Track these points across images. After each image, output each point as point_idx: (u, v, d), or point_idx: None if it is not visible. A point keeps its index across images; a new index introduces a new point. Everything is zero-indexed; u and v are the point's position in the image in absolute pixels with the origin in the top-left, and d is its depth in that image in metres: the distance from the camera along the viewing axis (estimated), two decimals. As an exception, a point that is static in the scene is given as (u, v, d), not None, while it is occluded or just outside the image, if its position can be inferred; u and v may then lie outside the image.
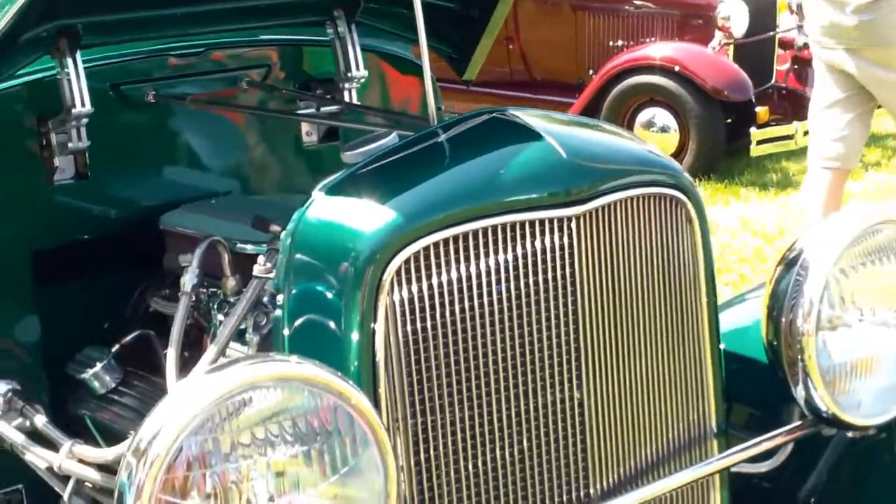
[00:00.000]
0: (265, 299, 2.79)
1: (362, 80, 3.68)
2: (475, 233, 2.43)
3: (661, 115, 8.91)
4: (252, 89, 3.70)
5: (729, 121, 8.86)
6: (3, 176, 3.33)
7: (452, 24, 3.72)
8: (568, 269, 2.50)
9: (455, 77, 3.90)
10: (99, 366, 3.26)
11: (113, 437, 3.04)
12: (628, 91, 9.01)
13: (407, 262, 2.40)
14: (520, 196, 2.46)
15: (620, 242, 2.57)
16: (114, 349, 3.32)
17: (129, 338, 3.34)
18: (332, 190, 2.55)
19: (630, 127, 9.04)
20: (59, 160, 3.35)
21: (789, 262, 2.82)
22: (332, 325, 2.43)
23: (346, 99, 3.69)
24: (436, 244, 2.41)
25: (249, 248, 3.04)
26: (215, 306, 3.01)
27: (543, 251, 2.48)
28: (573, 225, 2.49)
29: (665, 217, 2.65)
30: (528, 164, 2.50)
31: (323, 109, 3.67)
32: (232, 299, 2.97)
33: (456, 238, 2.42)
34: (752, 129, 8.70)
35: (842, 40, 5.85)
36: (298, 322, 2.50)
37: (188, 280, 2.95)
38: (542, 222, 2.47)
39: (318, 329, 2.46)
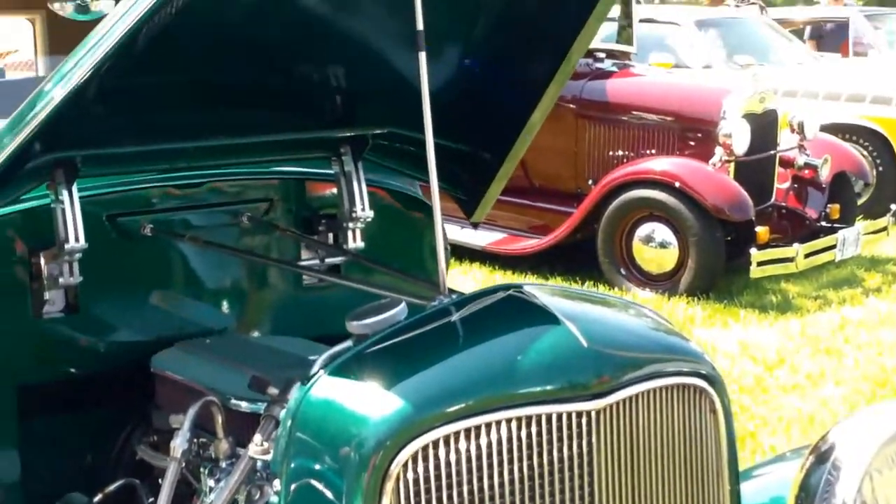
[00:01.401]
0: (259, 464, 2.66)
1: (367, 220, 3.56)
2: (488, 425, 2.30)
3: (661, 231, 8.81)
4: (249, 225, 3.57)
5: (729, 238, 8.77)
6: None
7: (463, 167, 3.61)
8: (586, 466, 2.37)
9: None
10: None
11: None
12: (628, 205, 8.92)
13: (415, 453, 2.26)
14: (536, 387, 2.34)
15: (641, 435, 2.44)
16: (96, 498, 3.17)
17: (113, 486, 3.19)
18: (338, 370, 2.41)
19: (629, 241, 8.94)
20: (49, 292, 3.23)
21: (821, 456, 2.70)
22: (332, 513, 2.29)
23: (350, 238, 3.57)
24: (446, 437, 2.28)
25: (245, 405, 2.90)
26: (206, 471, 2.86)
27: (560, 448, 2.34)
28: (592, 419, 2.35)
29: (688, 408, 2.52)
30: (546, 351, 2.37)
31: (327, 260, 3.54)
32: (224, 464, 2.82)
33: (468, 431, 2.29)
34: (753, 250, 8.59)
35: None
36: (296, 509, 2.35)
37: (179, 444, 2.80)
38: (559, 416, 2.34)
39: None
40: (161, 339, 3.37)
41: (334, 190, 3.61)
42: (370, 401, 2.33)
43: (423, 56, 2.64)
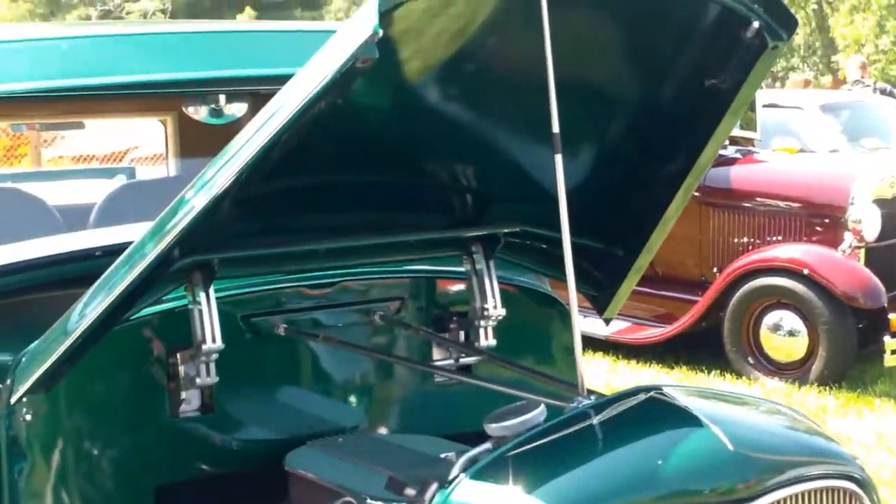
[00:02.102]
0: None
1: (499, 318, 3.55)
2: None
3: (789, 319, 8.65)
4: (382, 323, 3.59)
5: (860, 326, 8.58)
6: (128, 404, 3.26)
7: (596, 263, 3.59)
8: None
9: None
10: None
11: None
12: (754, 293, 8.79)
13: None
14: (681, 491, 2.29)
15: (788, 540, 2.37)
16: None
17: None
18: (478, 474, 2.39)
19: (756, 329, 8.79)
20: (186, 392, 3.26)
21: None
22: None
23: (482, 336, 3.56)
24: None
25: None
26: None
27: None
28: None
29: (837, 512, 2.45)
30: (691, 455, 2.33)
31: (462, 361, 3.53)
32: None
33: None
34: (886, 338, 8.39)
35: None
36: None
37: None
38: None
39: None
40: (294, 437, 3.38)
41: (465, 287, 3.61)
42: (512, 506, 2.30)
43: (559, 158, 2.64)
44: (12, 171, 10.48)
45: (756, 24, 2.94)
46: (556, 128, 2.63)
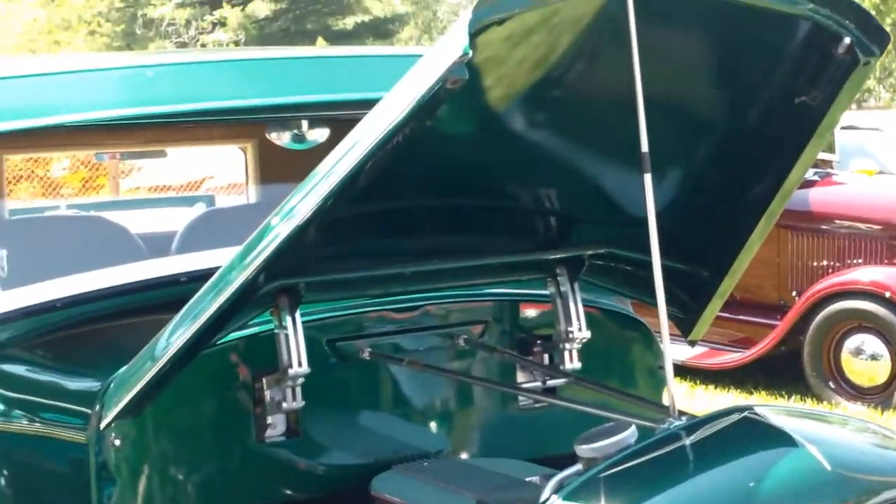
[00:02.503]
0: None
1: (583, 341, 3.52)
2: None
3: (871, 343, 8.53)
4: (466, 346, 3.57)
5: (946, 351, 8.44)
6: (215, 433, 3.28)
7: (681, 284, 3.55)
8: None
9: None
10: None
11: None
12: (835, 316, 8.68)
13: None
14: None
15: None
16: None
17: None
18: (570, 496, 2.37)
19: (837, 353, 8.67)
20: (271, 417, 3.27)
21: None
22: None
23: (567, 359, 3.53)
24: None
25: None
26: None
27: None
28: None
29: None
30: (787, 475, 2.30)
31: (548, 383, 3.51)
32: None
33: None
34: (972, 362, 8.25)
35: None
36: None
37: None
38: None
39: None
40: (378, 462, 3.38)
41: (548, 311, 3.59)
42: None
43: (648, 178, 2.62)
44: (94, 200, 10.62)
45: (847, 40, 2.90)
46: (644, 147, 2.61)
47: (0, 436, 3.58)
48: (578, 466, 2.49)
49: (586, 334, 3.50)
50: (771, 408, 2.52)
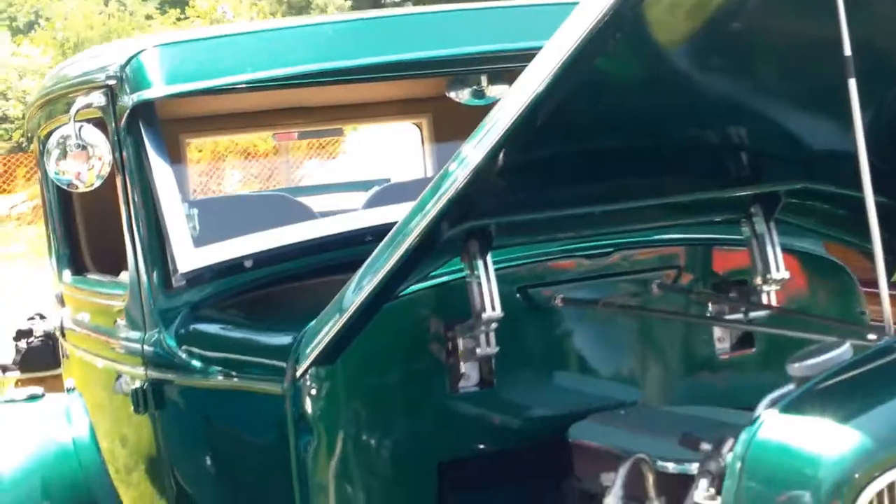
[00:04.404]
0: None
1: (783, 282, 3.40)
2: None
3: None
4: (660, 292, 3.48)
5: None
6: (408, 383, 3.27)
7: (882, 221, 3.40)
8: None
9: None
10: None
11: None
12: None
13: (879, 494, 2.09)
14: None
15: None
16: None
17: None
18: (787, 408, 2.28)
19: None
20: (465, 366, 3.24)
21: None
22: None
23: (765, 302, 3.41)
24: None
25: (671, 467, 2.79)
26: (641, 533, 2.76)
27: None
28: None
29: None
30: None
31: (752, 315, 3.40)
32: None
33: None
34: None
35: None
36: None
37: (611, 502, 2.72)
38: None
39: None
40: (573, 413, 3.31)
41: (745, 256, 3.48)
42: (824, 440, 2.19)
43: (853, 84, 2.49)
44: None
45: None
46: (847, 50, 2.48)
47: (198, 392, 3.64)
48: (791, 386, 2.39)
49: (785, 275, 3.38)
50: None
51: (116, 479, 4.30)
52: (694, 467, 2.58)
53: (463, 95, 4.36)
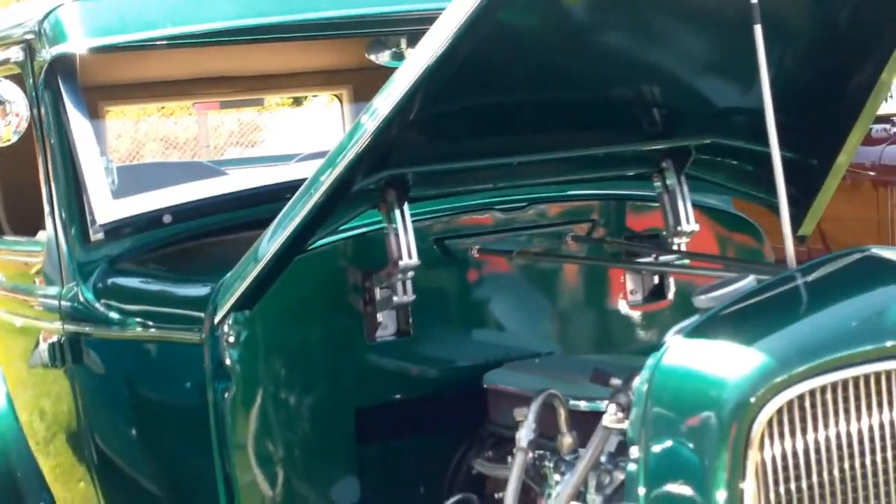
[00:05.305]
0: (603, 458, 2.62)
1: (693, 234, 3.49)
2: (856, 380, 2.20)
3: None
4: (574, 245, 3.56)
5: None
6: (326, 332, 3.30)
7: (789, 176, 3.50)
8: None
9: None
10: None
11: None
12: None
13: (779, 412, 2.18)
14: None
15: None
16: None
17: (450, 501, 3.19)
18: (691, 334, 2.36)
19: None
20: (382, 315, 3.29)
21: None
22: (694, 483, 2.21)
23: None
24: (811, 392, 2.18)
25: (583, 404, 2.87)
26: (551, 465, 2.82)
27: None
28: None
29: None
30: None
31: (662, 259, 3.49)
32: (568, 457, 2.78)
33: (834, 385, 2.20)
34: None
35: None
36: (656, 479, 2.29)
37: (524, 435, 2.79)
38: None
39: (679, 487, 2.24)
40: (488, 362, 3.38)
41: (654, 211, 3.57)
42: (726, 362, 2.26)
43: (758, 30, 2.56)
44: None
45: None
46: None
47: (116, 345, 3.65)
48: (696, 317, 2.46)
49: (695, 227, 3.47)
50: (890, 249, 2.47)
51: (35, 447, 4.28)
52: (605, 405, 2.65)
53: (383, 57, 4.41)
